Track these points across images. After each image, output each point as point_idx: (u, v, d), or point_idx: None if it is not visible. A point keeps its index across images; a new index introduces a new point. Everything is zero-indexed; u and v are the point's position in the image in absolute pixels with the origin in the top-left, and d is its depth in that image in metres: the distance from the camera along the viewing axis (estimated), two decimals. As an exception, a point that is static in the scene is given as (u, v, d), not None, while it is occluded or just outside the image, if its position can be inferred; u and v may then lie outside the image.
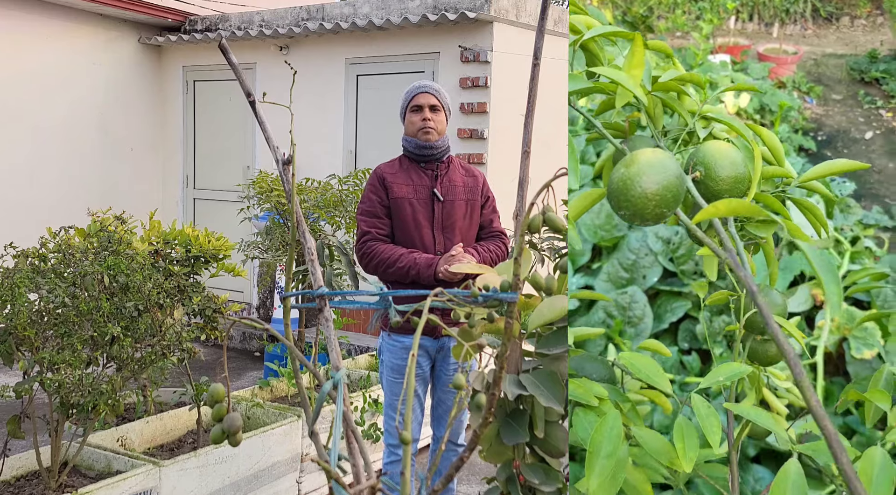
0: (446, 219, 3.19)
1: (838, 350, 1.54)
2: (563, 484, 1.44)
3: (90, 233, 3.40)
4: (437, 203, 3.18)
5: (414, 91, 3.21)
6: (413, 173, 3.20)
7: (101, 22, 7.54)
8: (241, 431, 1.12)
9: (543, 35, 1.15)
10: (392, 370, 3.24)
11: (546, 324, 1.42)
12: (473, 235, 3.28)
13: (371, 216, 3.17)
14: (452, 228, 3.19)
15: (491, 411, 1.18)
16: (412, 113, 3.20)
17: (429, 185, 3.19)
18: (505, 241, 3.33)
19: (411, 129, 3.21)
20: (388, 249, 3.10)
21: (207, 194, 7.90)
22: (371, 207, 3.17)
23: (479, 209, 3.28)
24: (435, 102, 3.19)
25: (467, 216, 3.23)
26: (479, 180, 3.30)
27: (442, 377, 3.26)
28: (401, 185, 3.16)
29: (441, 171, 3.22)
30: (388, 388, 3.27)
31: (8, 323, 3.01)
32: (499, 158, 6.19)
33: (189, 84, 7.91)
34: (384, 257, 3.08)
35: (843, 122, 4.41)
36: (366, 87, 6.76)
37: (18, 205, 6.91)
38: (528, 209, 1.15)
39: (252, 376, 6.07)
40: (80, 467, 3.35)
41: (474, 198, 3.26)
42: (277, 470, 3.72)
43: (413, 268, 3.03)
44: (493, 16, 5.97)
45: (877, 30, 5.16)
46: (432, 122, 3.17)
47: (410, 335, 3.16)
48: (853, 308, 1.61)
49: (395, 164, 3.25)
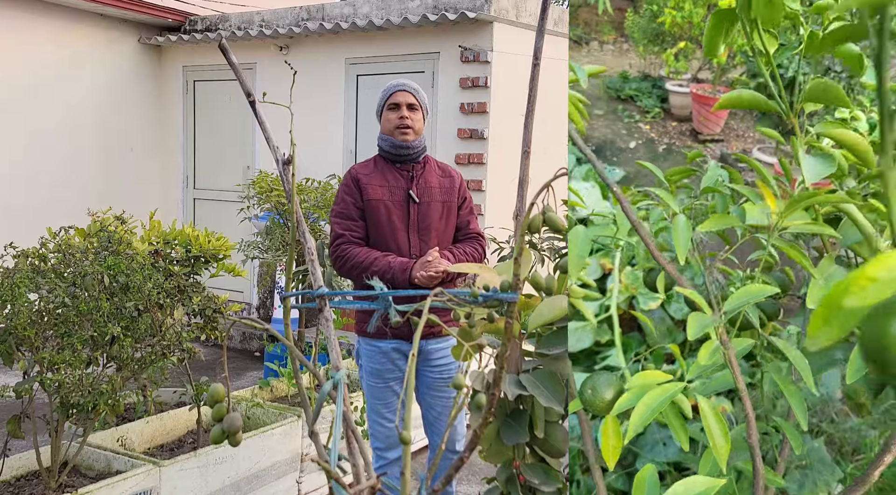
0: (422, 222, 3.11)
1: (629, 306, 1.68)
2: (563, 484, 1.44)
3: (90, 233, 3.40)
4: (413, 205, 3.10)
5: (391, 89, 3.14)
6: (388, 174, 3.12)
7: (101, 22, 7.54)
8: (241, 431, 1.12)
9: (543, 35, 1.15)
10: (371, 374, 3.18)
11: (546, 324, 1.42)
12: (450, 237, 3.20)
13: (345, 218, 3.09)
14: (428, 230, 3.11)
15: (491, 411, 1.18)
16: (389, 111, 3.13)
17: (404, 187, 3.11)
18: (482, 243, 3.25)
19: (387, 127, 3.12)
20: (362, 252, 3.02)
21: (207, 194, 7.90)
22: (345, 209, 3.09)
23: (455, 210, 3.19)
24: (413, 101, 3.12)
25: (443, 218, 3.15)
26: (455, 181, 3.21)
27: (425, 380, 3.21)
28: (375, 187, 3.08)
29: (417, 172, 3.14)
30: (370, 393, 3.21)
31: (8, 323, 3.01)
32: (499, 158, 6.19)
33: (189, 84, 7.91)
34: (358, 261, 3.00)
35: (608, 133, 4.88)
36: (366, 86, 6.76)
37: (18, 205, 6.91)
38: (528, 209, 1.15)
39: (252, 376, 6.07)
40: (80, 467, 3.35)
41: (451, 199, 3.17)
42: (277, 470, 3.72)
43: (388, 272, 2.96)
44: (493, 16, 5.97)
45: (624, 54, 5.70)
46: (410, 120, 3.09)
47: (385, 340, 3.10)
48: (637, 271, 1.73)
49: (369, 165, 3.17)
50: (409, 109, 3.11)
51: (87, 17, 7.43)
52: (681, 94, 5.08)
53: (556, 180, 1.17)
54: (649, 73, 5.63)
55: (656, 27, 5.06)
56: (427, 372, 3.19)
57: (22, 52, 6.98)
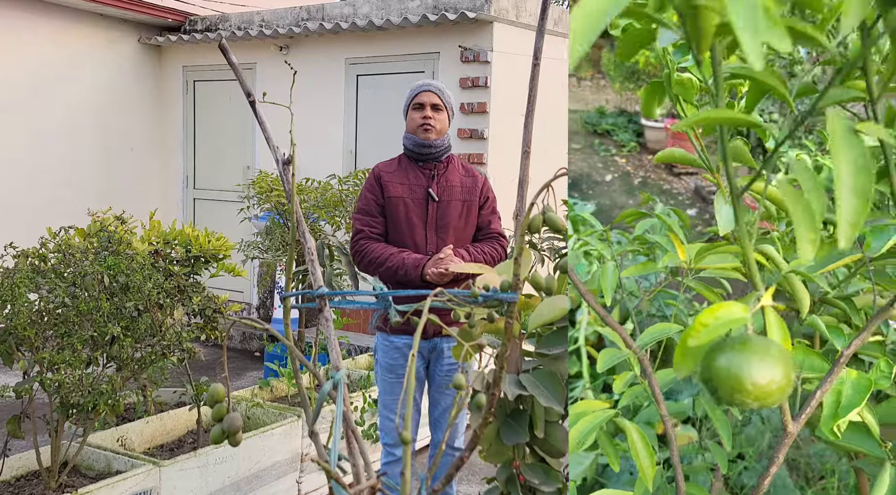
0: (440, 220, 3.17)
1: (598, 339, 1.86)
2: (563, 484, 1.44)
3: (90, 233, 3.40)
4: (432, 203, 3.17)
5: (417, 89, 3.22)
6: (410, 172, 3.20)
7: (101, 22, 7.54)
8: (241, 431, 1.12)
9: (543, 35, 1.15)
10: (384, 369, 3.24)
11: (546, 324, 1.42)
12: (469, 236, 3.26)
13: (365, 214, 3.18)
14: (446, 228, 3.17)
15: (491, 411, 1.18)
16: (414, 110, 3.21)
17: (424, 185, 3.18)
18: (503, 243, 3.30)
19: (412, 126, 3.21)
20: (378, 248, 3.11)
21: (207, 194, 7.90)
22: (366, 205, 3.19)
23: (476, 210, 3.25)
24: (437, 101, 3.19)
25: (463, 216, 3.21)
26: (478, 181, 3.28)
27: (436, 378, 3.25)
28: (396, 185, 3.17)
29: (439, 171, 3.21)
30: (383, 388, 3.28)
31: (8, 323, 3.01)
32: (499, 158, 6.19)
33: (189, 84, 7.91)
34: (374, 256, 3.09)
35: (584, 167, 5.11)
36: (366, 86, 6.76)
37: (18, 205, 6.91)
38: (528, 209, 1.15)
39: (252, 376, 6.07)
40: (80, 467, 3.35)
41: (472, 198, 3.23)
42: (277, 470, 3.72)
43: (401, 268, 3.04)
44: (493, 16, 5.97)
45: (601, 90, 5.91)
46: (433, 119, 3.17)
47: (401, 335, 3.17)
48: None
49: (393, 163, 3.25)
50: (433, 109, 3.19)
51: (87, 17, 7.43)
52: (656, 129, 5.22)
53: (556, 180, 1.17)
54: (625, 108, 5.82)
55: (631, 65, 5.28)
56: (438, 370, 3.24)
57: (22, 52, 6.98)
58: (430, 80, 3.29)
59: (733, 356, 0.76)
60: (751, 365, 0.75)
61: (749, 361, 0.75)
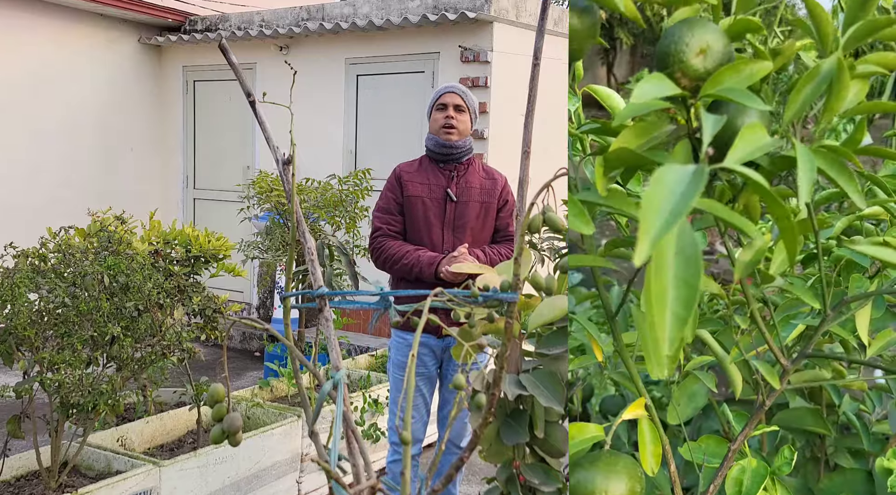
0: (458, 220, 3.22)
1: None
2: (563, 484, 1.44)
3: (90, 233, 3.40)
4: (450, 203, 3.22)
5: (441, 91, 3.29)
6: (430, 173, 3.26)
7: (101, 22, 7.54)
8: (241, 431, 1.12)
9: (543, 35, 1.15)
10: (397, 366, 3.29)
11: (546, 324, 1.42)
12: (487, 237, 3.30)
13: (384, 212, 3.24)
14: (463, 229, 3.22)
15: (491, 411, 1.18)
16: (437, 111, 3.27)
17: (444, 185, 3.23)
18: None
19: (434, 127, 3.27)
20: (395, 245, 3.17)
21: (207, 194, 7.90)
22: (386, 204, 3.25)
23: (494, 212, 3.30)
24: (460, 102, 3.25)
25: (481, 217, 3.25)
26: (498, 183, 3.33)
27: (448, 377, 3.28)
28: (416, 184, 3.23)
29: (459, 172, 3.26)
30: (394, 385, 3.32)
31: (8, 323, 3.01)
32: (499, 158, 6.19)
33: (189, 84, 7.91)
34: (391, 253, 3.15)
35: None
36: (366, 86, 6.76)
37: (18, 205, 6.91)
38: (528, 209, 1.15)
39: (252, 376, 6.07)
40: (80, 467, 3.35)
41: (490, 200, 3.28)
42: (277, 470, 3.72)
43: (416, 265, 3.09)
44: (493, 16, 5.97)
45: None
46: (455, 120, 3.22)
47: (414, 333, 3.18)
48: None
49: (415, 164, 3.32)
50: (456, 110, 3.24)
51: (87, 17, 7.43)
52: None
53: (556, 180, 1.17)
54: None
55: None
56: (451, 369, 3.28)
57: (22, 52, 6.98)
58: (455, 83, 3.37)
59: (584, 473, 0.96)
60: (596, 480, 0.95)
61: (595, 477, 0.95)
